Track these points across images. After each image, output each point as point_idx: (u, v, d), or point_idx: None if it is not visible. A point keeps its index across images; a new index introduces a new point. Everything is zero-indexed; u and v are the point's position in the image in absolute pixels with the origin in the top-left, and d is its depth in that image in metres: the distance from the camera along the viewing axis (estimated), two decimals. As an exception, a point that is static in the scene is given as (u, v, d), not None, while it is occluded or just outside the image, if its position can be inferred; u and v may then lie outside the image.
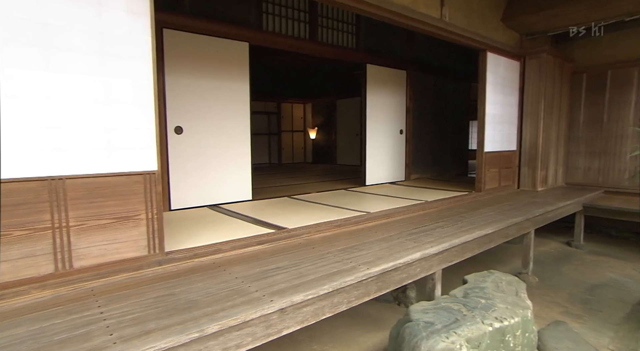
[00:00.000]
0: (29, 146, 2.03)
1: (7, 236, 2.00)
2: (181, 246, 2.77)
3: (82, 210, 2.21)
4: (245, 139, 4.82)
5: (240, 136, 4.77)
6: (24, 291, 2.04)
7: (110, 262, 2.33)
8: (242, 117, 4.77)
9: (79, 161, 2.18)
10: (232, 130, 4.69)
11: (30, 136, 2.03)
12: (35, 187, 2.06)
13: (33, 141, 2.04)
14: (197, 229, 3.38)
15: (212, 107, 4.48)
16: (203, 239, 2.97)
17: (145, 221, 2.44)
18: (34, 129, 2.04)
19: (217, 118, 4.54)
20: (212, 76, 4.46)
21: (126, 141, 2.33)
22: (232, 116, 4.68)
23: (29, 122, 2.02)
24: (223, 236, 3.07)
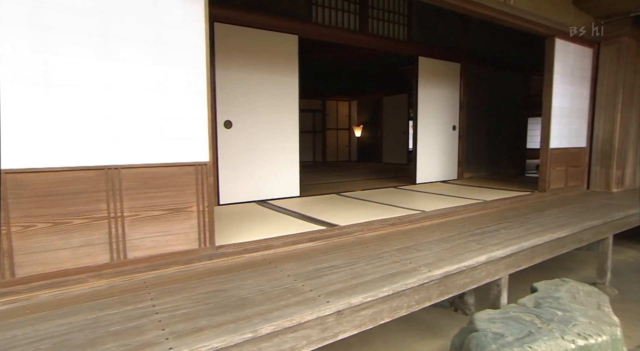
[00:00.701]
0: (88, 135, 2.03)
1: (67, 224, 2.00)
2: (231, 241, 2.70)
3: (136, 201, 2.19)
4: (293, 135, 4.73)
5: (289, 131, 4.69)
6: (82, 279, 2.04)
7: (162, 254, 2.29)
8: (291, 112, 4.68)
9: (133, 151, 2.15)
10: (280, 125, 4.61)
11: (88, 125, 2.03)
12: (93, 176, 2.05)
13: (91, 129, 2.04)
14: (246, 224, 3.31)
15: (261, 102, 4.43)
16: (253, 235, 2.89)
17: (196, 213, 2.38)
18: (92, 118, 2.04)
19: (265, 113, 4.49)
20: (262, 70, 4.41)
21: (179, 131, 2.28)
22: (281, 111, 4.61)
23: (87, 111, 2.02)
24: (273, 232, 2.97)
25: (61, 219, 1.99)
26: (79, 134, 2.00)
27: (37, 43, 1.87)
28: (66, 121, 1.97)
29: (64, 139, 1.97)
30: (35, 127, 1.90)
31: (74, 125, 1.99)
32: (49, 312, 1.78)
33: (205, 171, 2.38)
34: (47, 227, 1.96)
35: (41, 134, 1.92)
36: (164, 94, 2.21)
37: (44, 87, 1.90)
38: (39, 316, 1.74)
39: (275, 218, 3.57)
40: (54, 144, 1.95)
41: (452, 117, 6.68)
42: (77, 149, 2.00)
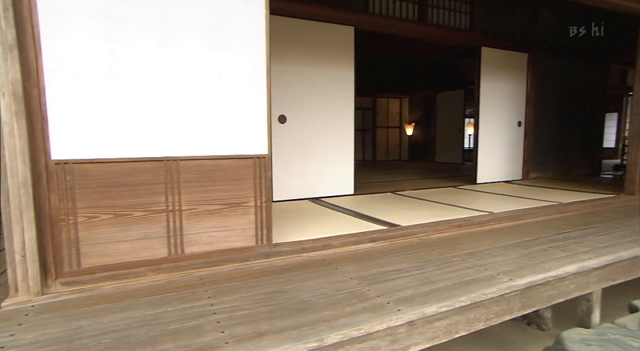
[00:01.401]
0: (148, 126, 1.98)
1: (128, 216, 1.98)
2: (287, 239, 2.58)
3: (194, 194, 2.12)
4: (348, 130, 4.55)
5: (344, 127, 4.52)
6: (142, 273, 2.00)
7: (218, 250, 2.21)
8: (346, 106, 4.50)
9: (192, 142, 2.09)
10: (335, 120, 4.45)
11: (148, 115, 1.98)
12: (153, 167, 2.01)
13: (151, 120, 1.99)
14: (301, 221, 3.18)
15: (315, 96, 4.30)
16: (309, 233, 2.75)
17: (253, 209, 2.28)
18: (152, 108, 1.99)
19: (320, 107, 4.35)
20: (316, 63, 4.27)
21: (238, 122, 2.18)
22: (336, 106, 4.44)
23: (146, 101, 1.98)
24: (330, 231, 2.81)
25: (122, 211, 1.96)
26: (140, 124, 1.97)
27: (103, 33, 1.85)
28: (127, 111, 1.93)
29: (126, 129, 1.94)
30: (100, 117, 1.88)
31: (135, 115, 1.95)
32: (110, 305, 1.74)
33: (264, 165, 2.26)
34: (110, 218, 1.94)
35: (105, 125, 1.90)
36: (223, 83, 2.13)
37: (108, 77, 1.88)
38: (102, 309, 1.70)
39: (331, 216, 3.41)
40: (117, 134, 1.92)
41: (517, 112, 6.14)
42: (137, 140, 1.96)
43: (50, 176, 1.80)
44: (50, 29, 1.75)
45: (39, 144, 1.76)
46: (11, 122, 1.67)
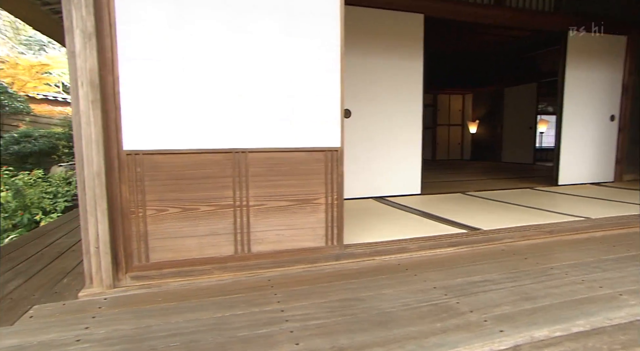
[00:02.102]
0: (216, 115, 1.88)
1: (195, 211, 1.89)
2: (357, 240, 2.37)
3: (262, 189, 1.98)
4: (416, 125, 4.24)
5: (411, 122, 4.22)
6: (207, 270, 1.91)
7: (286, 250, 2.05)
8: (414, 100, 4.19)
9: (260, 133, 1.95)
10: (402, 115, 4.17)
11: (217, 104, 1.88)
12: (220, 160, 1.90)
13: (219, 109, 1.89)
14: (370, 221, 2.96)
15: (381, 89, 4.05)
16: (381, 235, 2.51)
17: (324, 206, 2.10)
18: (220, 97, 1.88)
19: (386, 101, 4.09)
20: (382, 55, 4.01)
21: (309, 111, 2.02)
22: (403, 100, 4.16)
23: (215, 89, 1.87)
24: (402, 233, 2.56)
25: (190, 205, 1.88)
26: (208, 114, 1.87)
27: (174, 18, 1.77)
28: (196, 99, 1.84)
29: (194, 119, 1.85)
30: (169, 106, 1.81)
31: (203, 104, 1.86)
32: (178, 303, 1.65)
33: (336, 158, 2.08)
34: (177, 212, 1.86)
35: (174, 114, 1.82)
36: (295, 70, 1.97)
37: (178, 64, 1.80)
38: (170, 307, 1.61)
39: (400, 217, 3.15)
40: (185, 124, 1.84)
41: (610, 105, 5.39)
42: (205, 130, 1.87)
43: (121, 167, 1.75)
44: (126, 15, 1.70)
45: (112, 133, 1.72)
46: (88, 112, 1.64)
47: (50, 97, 10.17)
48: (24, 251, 2.52)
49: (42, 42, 14.26)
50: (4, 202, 4.96)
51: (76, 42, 1.62)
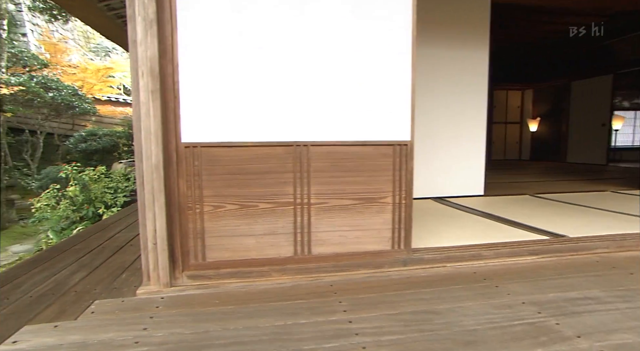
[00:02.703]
0: (277, 105, 1.75)
1: (253, 208, 1.77)
2: (424, 244, 2.14)
3: (324, 185, 1.83)
4: (480, 121, 3.90)
5: (474, 117, 3.88)
6: (266, 272, 1.79)
7: (349, 253, 1.88)
8: (478, 93, 3.86)
9: (323, 125, 1.80)
10: (465, 109, 3.85)
11: (278, 93, 1.75)
12: (281, 153, 1.77)
13: (281, 98, 1.75)
14: (434, 224, 2.71)
15: (442, 81, 3.76)
16: (449, 238, 2.27)
17: (391, 206, 1.90)
18: (282, 85, 1.75)
19: (445, 94, 3.79)
20: (444, 44, 3.72)
21: (377, 101, 1.83)
22: (465, 92, 3.83)
23: (277, 76, 1.74)
24: (473, 237, 2.30)
25: (248, 202, 1.76)
26: (268, 103, 1.74)
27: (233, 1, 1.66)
28: (256, 88, 1.72)
29: (253, 109, 1.73)
30: (227, 96, 1.70)
31: (264, 93, 1.73)
32: (236, 307, 1.53)
33: (406, 153, 1.87)
34: (235, 209, 1.76)
35: (232, 104, 1.71)
36: (362, 54, 1.79)
37: (237, 50, 1.69)
38: (228, 311, 1.50)
39: (467, 220, 2.87)
40: (244, 115, 1.72)
41: None
42: (265, 121, 1.74)
43: (179, 160, 1.67)
44: (186, 0, 1.61)
45: (171, 125, 1.65)
46: (148, 102, 1.57)
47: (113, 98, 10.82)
48: (87, 243, 2.56)
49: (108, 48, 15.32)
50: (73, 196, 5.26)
51: (138, 30, 1.55)
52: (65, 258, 2.24)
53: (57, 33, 12.64)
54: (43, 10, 8.96)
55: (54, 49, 10.43)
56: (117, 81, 12.39)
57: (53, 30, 12.47)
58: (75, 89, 8.17)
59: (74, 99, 7.81)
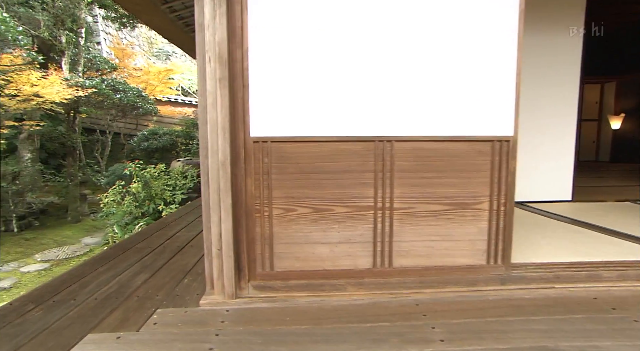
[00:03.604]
0: (356, 94, 1.51)
1: (329, 212, 1.55)
2: (521, 258, 1.79)
3: (409, 188, 1.56)
4: (570, 116, 3.40)
5: (563, 111, 3.39)
6: (340, 286, 1.56)
7: (436, 267, 1.60)
8: (568, 85, 3.36)
9: (409, 117, 1.53)
10: (551, 102, 3.37)
11: (357, 81, 1.51)
12: (361, 150, 1.53)
13: (361, 88, 1.51)
14: (526, 235, 2.33)
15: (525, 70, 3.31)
16: (550, 253, 1.90)
17: (487, 213, 1.59)
18: (361, 70, 1.51)
19: (530, 85, 3.34)
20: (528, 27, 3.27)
21: (472, 88, 1.53)
22: (552, 83, 3.36)
23: (356, 60, 1.50)
24: (581, 253, 1.90)
25: (322, 205, 1.55)
26: (346, 94, 1.51)
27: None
28: (333, 77, 1.50)
29: (330, 101, 1.51)
30: (300, 84, 1.50)
31: (341, 82, 1.51)
32: (310, 328, 1.32)
33: (507, 151, 1.56)
34: (308, 213, 1.55)
35: (306, 93, 1.50)
36: (454, 30, 1.51)
37: (314, 31, 1.47)
38: (301, 332, 1.30)
39: (563, 230, 2.45)
40: (320, 107, 1.51)
41: None
42: (343, 114, 1.52)
43: (247, 157, 1.50)
44: (255, -24, 1.43)
45: (239, 117, 1.47)
46: (215, 91, 1.40)
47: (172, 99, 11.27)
48: (149, 242, 2.51)
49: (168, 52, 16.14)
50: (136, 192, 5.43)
51: (205, 11, 1.39)
52: (129, 257, 2.18)
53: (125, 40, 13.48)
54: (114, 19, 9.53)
55: (122, 54, 11.08)
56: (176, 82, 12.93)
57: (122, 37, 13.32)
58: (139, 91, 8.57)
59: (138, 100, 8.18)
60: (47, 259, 4.98)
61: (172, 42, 6.90)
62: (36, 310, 1.50)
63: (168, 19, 5.50)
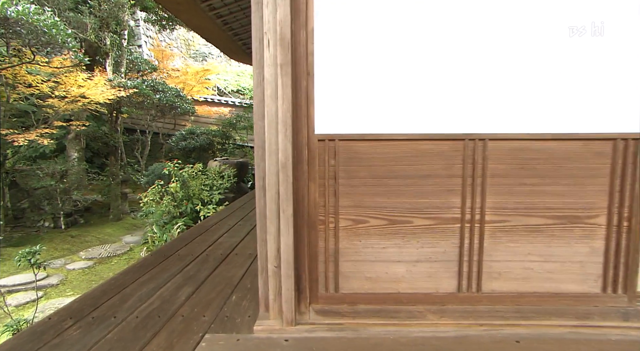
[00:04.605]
0: (440, 83, 1.25)
1: (406, 224, 1.30)
2: (636, 283, 1.46)
3: (504, 196, 1.28)
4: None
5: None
6: (418, 313, 1.30)
7: (536, 293, 1.31)
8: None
9: (506, 109, 1.25)
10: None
11: (441, 65, 1.24)
12: (446, 151, 1.27)
13: (446, 73, 1.25)
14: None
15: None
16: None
17: (604, 229, 1.28)
18: (446, 52, 1.24)
19: None
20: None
21: (586, 72, 1.22)
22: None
23: (437, 41, 1.24)
24: None
25: (399, 216, 1.29)
26: (427, 82, 1.25)
27: (387, -60, 1.20)
28: (411, 61, 1.24)
29: (408, 91, 1.25)
30: (374, 73, 1.25)
31: (421, 68, 1.25)
32: (389, 368, 1.08)
33: (632, 151, 1.24)
34: (381, 226, 1.30)
35: (381, 85, 1.25)
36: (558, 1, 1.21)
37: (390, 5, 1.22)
38: (378, 374, 1.05)
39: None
40: (396, 99, 1.26)
41: None
42: (424, 107, 1.25)
43: (311, 158, 1.27)
44: (323, -57, 1.20)
45: (302, 111, 1.25)
46: (274, 80, 1.18)
47: (209, 99, 11.36)
48: (190, 248, 2.35)
49: (205, 54, 16.43)
50: (174, 192, 5.39)
51: (263, -14, 1.18)
52: (170, 265, 2.02)
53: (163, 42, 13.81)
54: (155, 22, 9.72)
55: (161, 55, 11.30)
56: (212, 83, 13.06)
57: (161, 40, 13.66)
58: (177, 91, 8.65)
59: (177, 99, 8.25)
60: (91, 257, 5.03)
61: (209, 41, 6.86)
62: (75, 328, 1.35)
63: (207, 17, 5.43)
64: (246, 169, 7.25)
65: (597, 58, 1.22)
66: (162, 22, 9.84)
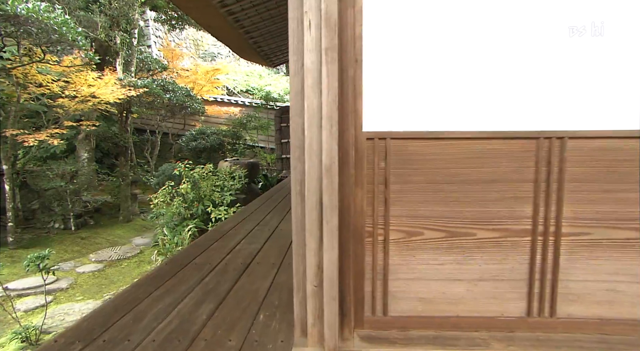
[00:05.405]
0: (506, 68, 1.06)
1: (467, 237, 1.11)
2: None
3: (585, 205, 1.09)
4: None
5: None
6: (481, 340, 1.11)
7: (623, 320, 1.11)
8: None
9: (589, 102, 1.05)
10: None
11: (511, 48, 1.06)
12: (516, 151, 1.08)
13: (512, 57, 1.06)
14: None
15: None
16: None
17: None
18: (516, 32, 1.05)
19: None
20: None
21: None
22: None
23: (508, 19, 1.05)
24: None
25: (460, 227, 1.11)
26: (493, 69, 1.06)
27: None
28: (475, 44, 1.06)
29: (470, 81, 1.06)
30: (429, 58, 1.07)
31: (487, 52, 1.06)
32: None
33: None
34: (439, 239, 1.11)
35: (439, 74, 1.07)
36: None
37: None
38: None
39: None
40: (457, 91, 1.07)
41: None
42: (489, 99, 1.06)
43: (358, 159, 1.09)
44: None
45: (349, 104, 1.07)
46: (316, 68, 1.01)
47: (219, 99, 11.25)
48: (208, 256, 2.18)
49: (214, 54, 16.37)
50: (185, 193, 5.25)
51: (303, -42, 1.00)
52: (187, 277, 1.85)
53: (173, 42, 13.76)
54: (164, 21, 9.63)
55: (170, 55, 11.21)
56: (221, 83, 12.96)
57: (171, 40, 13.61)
58: (188, 90, 8.54)
59: (187, 99, 8.13)
60: (101, 260, 4.92)
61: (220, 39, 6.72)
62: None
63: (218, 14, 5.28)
64: (257, 169, 7.11)
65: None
66: (171, 22, 9.77)
